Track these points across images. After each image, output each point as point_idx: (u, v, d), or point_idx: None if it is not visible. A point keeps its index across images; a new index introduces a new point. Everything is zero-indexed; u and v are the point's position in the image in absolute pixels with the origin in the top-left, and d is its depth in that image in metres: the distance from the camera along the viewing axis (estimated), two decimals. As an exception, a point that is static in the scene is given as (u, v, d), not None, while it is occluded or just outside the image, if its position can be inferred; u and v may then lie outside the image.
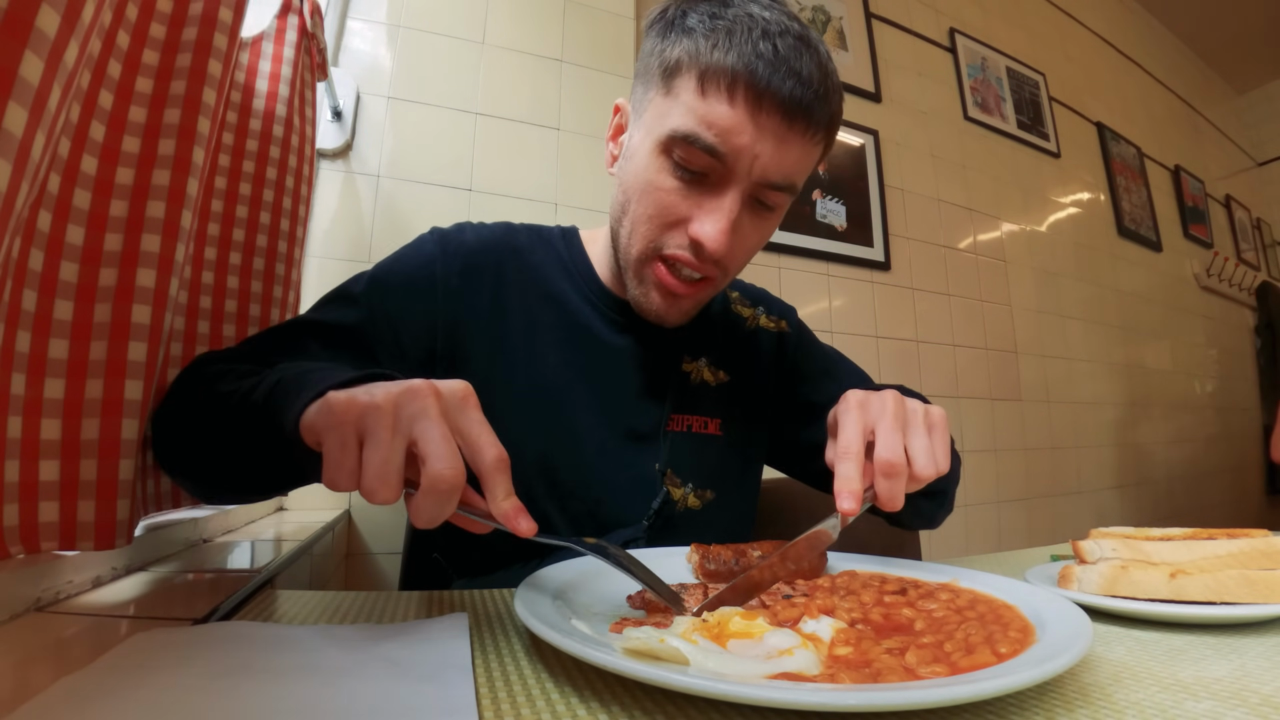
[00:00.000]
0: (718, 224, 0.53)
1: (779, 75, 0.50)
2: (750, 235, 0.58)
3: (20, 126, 0.26)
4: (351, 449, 0.33)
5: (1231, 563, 0.45)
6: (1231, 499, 3.00)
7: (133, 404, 0.42)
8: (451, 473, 0.31)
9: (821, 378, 0.76)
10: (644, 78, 0.58)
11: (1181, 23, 3.26)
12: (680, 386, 0.67)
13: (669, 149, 0.53)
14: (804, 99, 0.51)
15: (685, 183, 0.54)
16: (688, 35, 0.53)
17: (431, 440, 0.32)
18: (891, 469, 0.43)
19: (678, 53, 0.53)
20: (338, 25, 1.20)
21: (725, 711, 0.27)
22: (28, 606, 0.40)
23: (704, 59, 0.51)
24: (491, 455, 0.35)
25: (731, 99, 0.50)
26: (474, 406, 0.35)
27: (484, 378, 0.61)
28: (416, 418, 0.33)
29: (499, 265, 0.65)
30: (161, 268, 0.44)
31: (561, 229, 0.73)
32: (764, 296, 0.81)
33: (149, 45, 0.45)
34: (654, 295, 0.59)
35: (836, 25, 1.88)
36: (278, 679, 0.29)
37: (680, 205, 0.54)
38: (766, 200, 0.56)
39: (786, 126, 0.51)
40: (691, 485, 0.66)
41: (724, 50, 0.50)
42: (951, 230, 2.03)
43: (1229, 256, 3.17)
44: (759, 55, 0.50)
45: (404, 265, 0.63)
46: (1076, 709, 0.28)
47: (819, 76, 0.51)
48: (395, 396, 0.33)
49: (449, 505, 0.32)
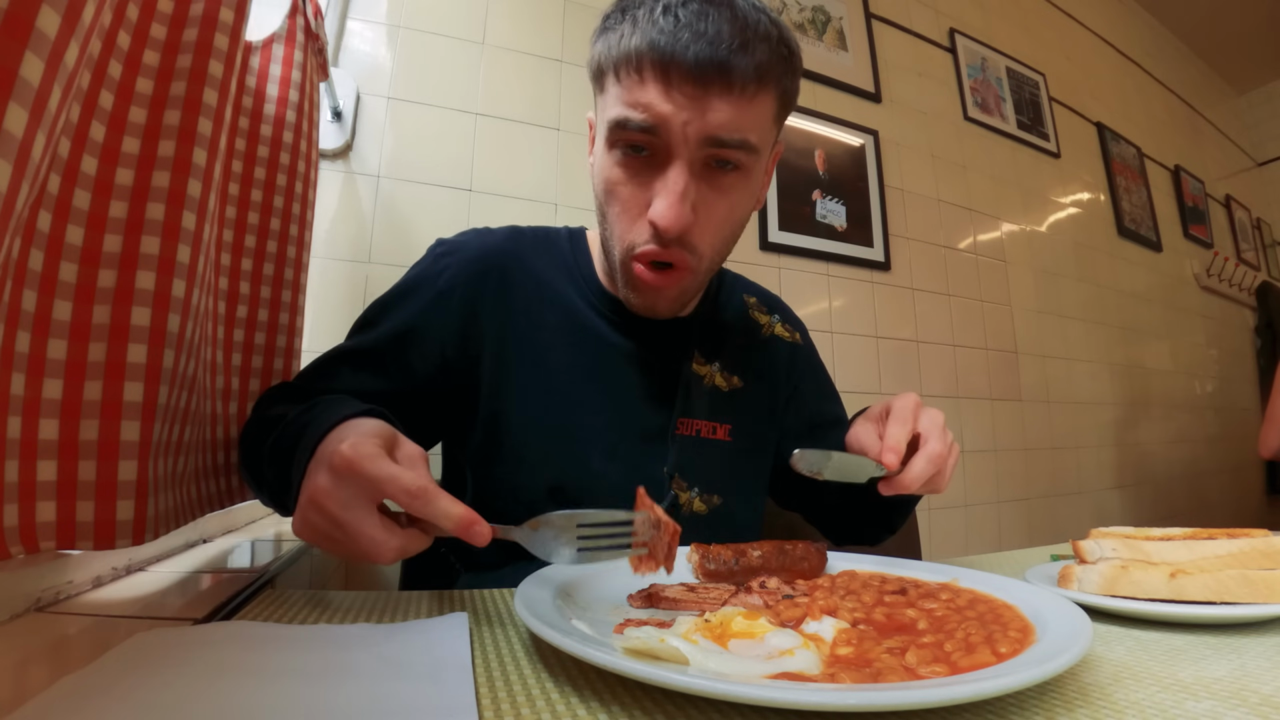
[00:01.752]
0: (666, 200, 0.53)
1: (680, 43, 0.50)
2: (716, 206, 0.56)
3: (20, 127, 0.26)
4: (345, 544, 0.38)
5: (1231, 563, 0.45)
6: (1231, 499, 2.99)
7: (132, 405, 0.42)
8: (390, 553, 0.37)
9: (823, 400, 0.79)
10: (593, 89, 0.60)
11: (1181, 23, 3.26)
12: (689, 390, 0.67)
13: (612, 142, 0.55)
14: (715, 56, 0.50)
15: (635, 169, 0.55)
16: (603, 36, 0.56)
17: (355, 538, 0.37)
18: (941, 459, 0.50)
19: (597, 54, 0.56)
20: (338, 25, 1.21)
21: (725, 711, 0.27)
22: (28, 606, 0.40)
23: (614, 51, 0.54)
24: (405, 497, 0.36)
25: (643, 79, 0.52)
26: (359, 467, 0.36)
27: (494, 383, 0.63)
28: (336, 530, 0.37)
29: (505, 272, 0.66)
30: (161, 269, 0.44)
31: (569, 230, 0.73)
32: (779, 305, 0.81)
33: (150, 46, 0.45)
34: (635, 291, 0.61)
35: (836, 25, 1.88)
36: (278, 679, 0.29)
37: (637, 195, 0.56)
38: (725, 159, 0.54)
39: (703, 89, 0.51)
40: (698, 490, 0.65)
41: (629, 37, 0.52)
42: (951, 230, 2.03)
43: (1229, 256, 3.17)
44: (660, 30, 0.51)
45: (412, 283, 0.65)
46: (1076, 709, 0.28)
47: (731, 30, 0.51)
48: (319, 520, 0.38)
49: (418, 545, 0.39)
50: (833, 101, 1.81)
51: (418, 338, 0.62)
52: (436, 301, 0.63)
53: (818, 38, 1.84)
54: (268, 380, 0.69)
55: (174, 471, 0.48)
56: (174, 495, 0.48)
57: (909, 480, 0.49)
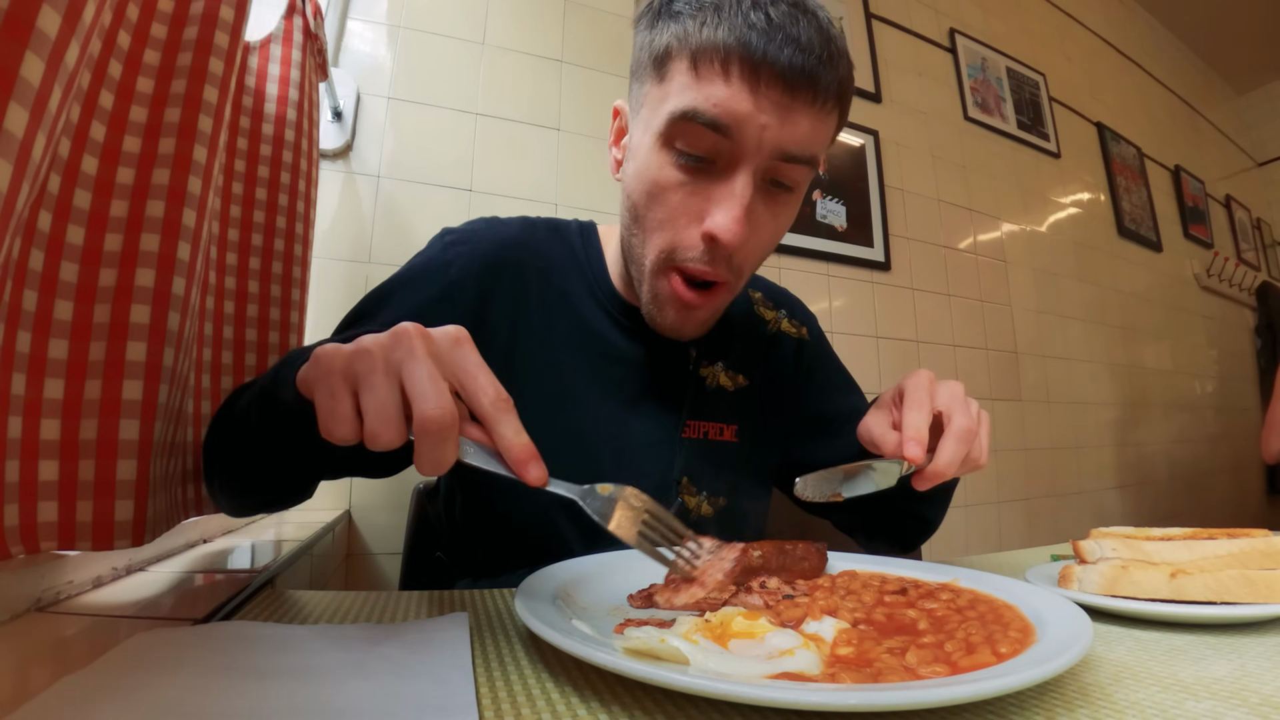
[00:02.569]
0: (730, 211, 0.49)
1: (775, 44, 0.47)
2: (766, 225, 0.53)
3: (21, 127, 0.26)
4: (342, 395, 0.32)
5: (1231, 563, 0.45)
6: (1232, 499, 2.99)
7: (132, 404, 0.42)
8: (438, 411, 0.30)
9: (834, 391, 0.75)
10: (638, 74, 0.55)
11: (1181, 23, 3.26)
12: (696, 392, 0.66)
13: (670, 137, 0.50)
14: (806, 65, 0.47)
15: (692, 174, 0.51)
16: (675, 20, 0.50)
17: (417, 380, 0.31)
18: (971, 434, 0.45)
19: (666, 39, 0.51)
20: (338, 25, 1.21)
21: (725, 711, 0.27)
22: (28, 606, 0.40)
23: (693, 39, 0.48)
24: (490, 395, 0.33)
25: (727, 75, 0.48)
26: (468, 348, 0.34)
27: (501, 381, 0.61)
28: (404, 360, 0.32)
29: (519, 265, 0.62)
30: (161, 267, 0.44)
31: (579, 224, 0.70)
32: (787, 299, 0.79)
33: (150, 45, 0.45)
34: (668, 311, 0.56)
35: (837, 25, 1.88)
36: (278, 679, 0.29)
37: (690, 202, 0.51)
38: (784, 178, 0.52)
39: (790, 96, 0.48)
40: (706, 493, 0.64)
41: (713, 27, 0.48)
42: (951, 230, 2.03)
43: (1229, 257, 3.17)
44: (751, 26, 0.47)
45: (417, 272, 0.61)
46: (1076, 709, 0.28)
47: (820, 41, 0.48)
48: (382, 340, 0.32)
49: (446, 447, 0.31)
50: (833, 101, 1.81)
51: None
52: (446, 293, 0.59)
53: (818, 38, 1.84)
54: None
55: (167, 472, 0.48)
56: (167, 496, 0.48)
57: (943, 467, 0.44)
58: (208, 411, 0.59)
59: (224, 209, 0.62)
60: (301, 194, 0.74)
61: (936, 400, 0.47)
